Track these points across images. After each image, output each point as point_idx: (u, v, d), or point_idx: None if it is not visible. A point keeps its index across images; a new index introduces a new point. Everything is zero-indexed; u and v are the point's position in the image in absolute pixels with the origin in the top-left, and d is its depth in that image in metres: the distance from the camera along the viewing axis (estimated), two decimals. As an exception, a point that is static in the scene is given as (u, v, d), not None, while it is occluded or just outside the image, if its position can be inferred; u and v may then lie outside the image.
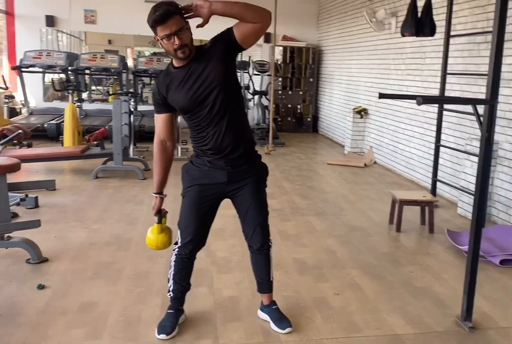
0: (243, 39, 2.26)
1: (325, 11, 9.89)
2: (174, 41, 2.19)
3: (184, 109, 2.38)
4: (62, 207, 4.80)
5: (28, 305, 2.86)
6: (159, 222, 2.57)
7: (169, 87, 2.35)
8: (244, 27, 2.23)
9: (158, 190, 2.54)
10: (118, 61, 9.35)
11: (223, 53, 2.29)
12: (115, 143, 6.13)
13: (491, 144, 2.61)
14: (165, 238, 2.58)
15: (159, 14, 2.14)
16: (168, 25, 2.16)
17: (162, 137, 2.47)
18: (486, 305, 3.01)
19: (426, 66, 5.81)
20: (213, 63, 2.28)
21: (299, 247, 3.91)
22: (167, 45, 2.22)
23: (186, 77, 2.31)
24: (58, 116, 8.82)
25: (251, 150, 2.53)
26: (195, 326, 2.69)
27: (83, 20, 9.97)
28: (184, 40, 2.21)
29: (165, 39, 2.20)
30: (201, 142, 2.42)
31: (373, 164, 7.20)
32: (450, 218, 4.75)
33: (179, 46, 2.20)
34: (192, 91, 2.30)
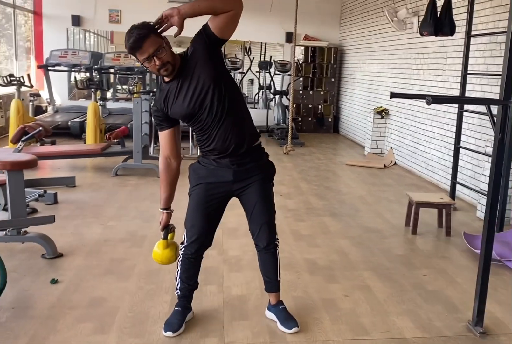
0: (221, 31, 2.25)
1: (347, 11, 9.82)
2: (155, 62, 2.21)
3: (187, 118, 2.40)
4: (80, 203, 4.87)
5: (40, 299, 2.91)
6: (165, 238, 2.61)
7: (167, 102, 2.38)
8: (218, 20, 2.21)
9: (165, 206, 2.58)
10: (142, 60, 9.45)
11: (205, 54, 2.29)
12: (135, 141, 6.19)
13: (504, 145, 2.55)
14: (170, 254, 2.61)
15: (132, 41, 2.16)
16: (144, 48, 2.18)
17: (166, 154, 2.49)
18: (499, 310, 2.95)
19: (447, 66, 5.72)
20: (199, 66, 2.29)
21: (312, 247, 3.89)
22: (150, 67, 2.24)
23: (179, 88, 2.33)
24: (82, 115, 8.95)
25: (257, 148, 2.52)
26: (202, 324, 2.70)
27: (108, 19, 10.10)
28: (164, 59, 2.22)
29: (146, 63, 2.22)
30: (205, 144, 2.44)
31: (393, 165, 7.12)
32: (469, 221, 4.66)
33: (160, 66, 2.22)
34: (188, 98, 2.32)
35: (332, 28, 10.36)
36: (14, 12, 9.33)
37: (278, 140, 8.57)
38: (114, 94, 11.38)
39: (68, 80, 10.37)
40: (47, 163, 6.59)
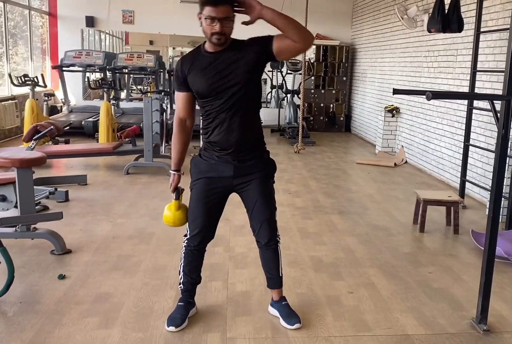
0: (279, 52, 2.31)
1: (359, 9, 9.79)
2: (215, 26, 2.23)
3: (199, 94, 2.41)
4: (91, 201, 4.93)
5: (47, 294, 2.96)
6: (177, 199, 2.60)
7: (192, 68, 2.38)
8: (284, 42, 2.27)
9: (176, 168, 2.59)
10: (154, 60, 9.53)
11: (255, 57, 2.33)
12: (145, 140, 6.25)
13: (507, 141, 2.53)
14: (182, 215, 2.61)
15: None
16: (218, 9, 2.20)
17: (181, 116, 2.51)
18: (505, 308, 2.93)
19: (458, 63, 5.67)
20: (243, 62, 2.32)
21: (318, 245, 3.89)
22: (207, 27, 2.25)
23: (212, 65, 2.34)
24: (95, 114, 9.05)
25: (259, 147, 2.55)
26: (205, 319, 2.72)
27: (121, 20, 10.22)
28: (225, 30, 2.25)
29: (209, 20, 2.23)
30: (210, 134, 2.45)
31: (403, 164, 7.09)
32: (478, 219, 4.62)
33: (217, 32, 2.24)
34: (212, 80, 2.34)
35: (343, 27, 10.34)
36: (29, 13, 9.47)
37: (289, 139, 8.57)
38: (128, 94, 11.48)
39: (83, 81, 10.50)
40: (61, 162, 6.68)
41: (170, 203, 2.64)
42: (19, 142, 7.71)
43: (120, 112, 9.36)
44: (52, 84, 10.14)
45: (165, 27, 10.17)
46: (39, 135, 5.13)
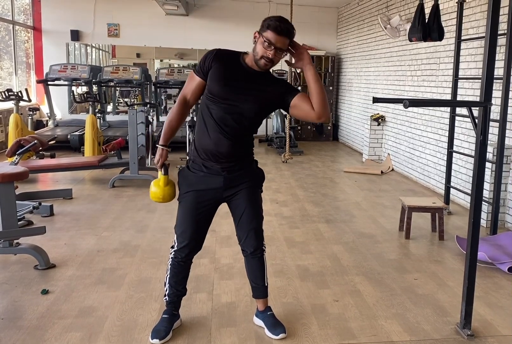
0: (293, 108, 2.40)
1: (344, 19, 9.89)
2: (270, 51, 2.28)
3: (211, 93, 2.41)
4: (76, 215, 4.89)
5: (30, 309, 2.92)
6: (166, 174, 2.56)
7: (221, 66, 2.39)
8: (304, 103, 2.37)
9: (165, 142, 2.55)
10: (140, 73, 9.55)
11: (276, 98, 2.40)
12: (131, 153, 6.24)
13: (486, 146, 2.55)
14: (171, 190, 2.58)
15: (284, 27, 2.26)
16: (280, 39, 2.27)
17: (188, 97, 2.50)
18: (489, 313, 2.93)
19: (440, 71, 5.74)
20: (265, 94, 2.39)
21: (304, 254, 3.88)
22: (263, 49, 2.30)
23: (238, 76, 2.38)
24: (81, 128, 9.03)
25: (248, 157, 2.57)
26: (189, 331, 2.70)
27: (106, 33, 10.24)
28: (276, 59, 2.33)
29: (266, 44, 2.28)
30: (202, 139, 2.44)
31: (390, 171, 7.12)
32: (463, 225, 4.64)
33: (269, 59, 2.30)
34: (232, 89, 2.37)
35: (329, 37, 10.44)
36: (13, 27, 9.46)
37: (277, 149, 8.59)
38: (115, 107, 11.47)
39: (69, 94, 10.45)
40: (46, 176, 6.64)
41: (157, 179, 2.59)
42: (3, 158, 7.67)
43: (106, 125, 9.35)
44: (37, 99, 10.11)
45: (151, 39, 10.21)
46: (23, 150, 5.09)
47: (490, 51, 2.48)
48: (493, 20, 2.45)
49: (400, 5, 6.88)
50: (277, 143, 8.72)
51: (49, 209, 4.85)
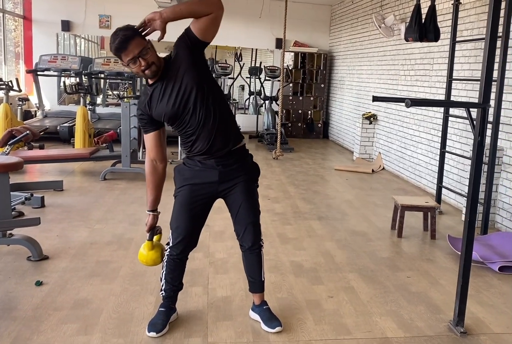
0: (204, 34, 2.28)
1: (337, 17, 9.92)
2: (140, 63, 2.24)
3: (171, 119, 2.41)
4: (67, 207, 4.86)
5: (24, 301, 2.90)
6: (150, 239, 2.63)
7: (151, 104, 2.40)
8: (199, 23, 2.25)
9: (152, 208, 2.60)
10: (131, 65, 9.48)
11: (188, 57, 2.32)
12: (123, 146, 6.20)
13: (483, 147, 2.59)
14: (155, 255, 2.64)
15: (118, 42, 2.19)
16: (130, 49, 2.21)
17: (152, 157, 2.51)
18: (481, 311, 2.98)
19: (434, 72, 5.79)
20: (183, 69, 2.31)
21: (298, 250, 3.91)
22: (135, 69, 2.26)
23: (163, 90, 2.35)
24: (71, 120, 8.96)
25: (241, 149, 2.56)
26: (186, 325, 2.71)
27: (98, 25, 10.13)
28: (149, 59, 2.25)
29: (131, 64, 2.24)
30: (190, 146, 2.46)
31: (381, 170, 7.18)
32: (454, 225, 4.71)
33: (146, 66, 2.25)
34: (172, 100, 2.35)
35: (321, 34, 10.46)
36: (3, 16, 9.33)
37: (268, 146, 8.61)
38: (105, 100, 11.38)
39: (58, 85, 10.36)
40: (35, 168, 6.57)
41: (145, 243, 2.67)
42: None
43: (96, 118, 9.26)
44: (26, 89, 9.98)
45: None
46: (14, 140, 5.05)
47: (490, 53, 2.51)
48: (493, 23, 2.48)
49: (394, 5, 6.92)
50: (267, 140, 8.73)
51: (40, 201, 4.82)
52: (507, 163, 4.38)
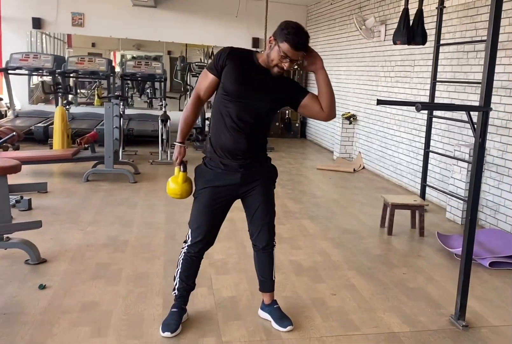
0: (302, 107, 2.51)
1: (313, 18, 10.03)
2: (285, 63, 2.35)
3: (227, 89, 2.44)
4: (55, 209, 4.81)
5: (30, 304, 2.88)
6: (184, 171, 2.61)
7: (235, 64, 2.43)
8: (314, 103, 2.47)
9: (183, 139, 2.59)
10: (106, 64, 9.38)
11: (287, 92, 2.48)
12: (106, 146, 6.15)
13: (484, 149, 2.71)
14: (188, 186, 2.63)
15: (300, 43, 2.32)
16: (296, 53, 2.34)
17: (201, 94, 2.53)
18: (477, 305, 3.12)
19: (415, 73, 5.95)
20: (276, 93, 2.46)
21: (294, 249, 3.98)
22: (276, 58, 2.35)
23: (253, 75, 2.44)
24: (44, 119, 8.80)
25: (263, 154, 2.64)
26: (197, 325, 2.74)
27: (70, 23, 9.96)
28: (289, 67, 2.39)
29: (282, 56, 2.33)
30: (219, 140, 2.49)
31: (361, 169, 7.33)
32: (439, 222, 4.87)
33: (280, 68, 2.37)
34: (247, 87, 2.42)
35: (298, 35, 10.54)
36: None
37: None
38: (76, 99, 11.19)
39: (28, 84, 10.14)
40: (13, 169, 6.42)
41: (175, 175, 2.63)
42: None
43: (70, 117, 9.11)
44: (-5, 88, 9.74)
45: (116, 30, 10.02)
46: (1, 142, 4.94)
47: (491, 57, 2.63)
48: (494, 27, 2.60)
49: (373, 7, 7.06)
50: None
51: (27, 203, 4.75)
52: (490, 163, 4.56)
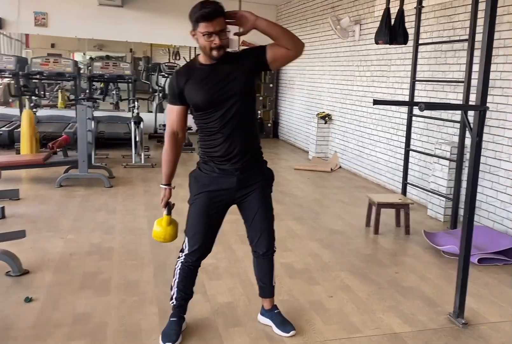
0: (273, 61, 2.33)
1: (283, 17, 10.02)
2: (214, 40, 2.22)
3: (199, 107, 2.37)
4: (30, 217, 4.63)
5: (18, 319, 2.74)
6: (169, 214, 2.55)
7: (189, 81, 2.34)
8: (277, 50, 2.30)
9: (168, 182, 2.53)
10: (72, 65, 9.13)
11: (250, 67, 2.34)
12: (80, 150, 5.97)
13: (480, 148, 2.73)
14: (173, 231, 2.56)
15: (208, 11, 2.18)
16: (214, 23, 2.19)
17: (175, 129, 2.45)
18: (473, 302, 3.14)
19: (392, 73, 6.00)
20: (239, 72, 2.32)
21: (284, 251, 3.93)
22: (205, 42, 2.23)
23: (209, 77, 2.33)
24: (8, 123, 8.50)
25: (259, 157, 2.56)
26: (198, 333, 2.66)
27: (33, 22, 9.65)
28: (224, 42, 2.25)
29: (206, 36, 2.22)
30: (211, 148, 2.42)
31: (338, 168, 7.35)
32: (421, 220, 4.91)
33: (217, 46, 2.23)
34: (211, 91, 2.31)
35: (268, 34, 10.50)
36: None
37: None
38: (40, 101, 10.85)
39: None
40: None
41: (160, 218, 2.58)
42: None
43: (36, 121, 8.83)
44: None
45: (82, 31, 9.77)
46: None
47: (487, 56, 2.64)
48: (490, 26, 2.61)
49: (347, 7, 7.10)
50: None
51: (0, 211, 4.55)
52: (471, 160, 4.62)
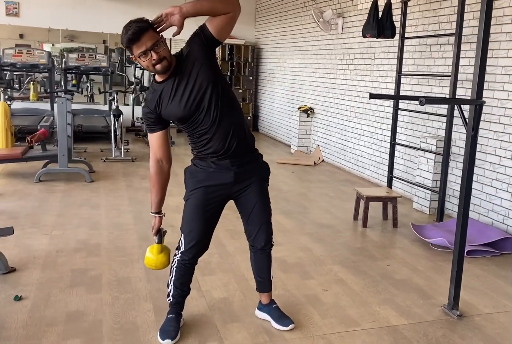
0: (219, 32, 2.23)
1: (263, 10, 9.96)
2: (151, 57, 2.14)
3: (182, 119, 2.32)
4: (11, 213, 4.51)
5: (9, 318, 2.66)
6: (159, 242, 2.53)
7: (160, 102, 2.29)
8: (217, 21, 2.19)
9: (157, 210, 2.50)
10: (47, 57, 8.91)
11: (202, 54, 2.25)
12: (60, 144, 5.84)
13: (476, 142, 2.75)
14: (164, 258, 2.54)
15: (131, 33, 2.09)
16: (143, 41, 2.11)
17: (158, 157, 2.41)
18: (465, 294, 3.17)
19: (375, 66, 6.01)
20: (197, 67, 2.24)
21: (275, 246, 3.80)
22: (145, 62, 2.17)
23: (175, 88, 2.26)
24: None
25: (254, 149, 2.52)
26: (196, 329, 2.63)
27: (4, 12, 9.38)
28: (161, 54, 2.16)
29: (142, 57, 2.15)
30: (203, 147, 2.36)
31: (321, 162, 7.36)
32: (407, 213, 4.95)
33: (157, 60, 2.15)
34: (184, 99, 2.25)
35: (247, 26, 10.41)
36: None
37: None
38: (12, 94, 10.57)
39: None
40: None
41: (152, 245, 2.55)
42: None
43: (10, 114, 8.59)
44: None
45: (56, 21, 9.53)
46: None
47: (483, 50, 2.65)
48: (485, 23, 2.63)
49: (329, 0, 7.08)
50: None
51: (-21, 207, 4.43)
52: (456, 154, 4.68)
